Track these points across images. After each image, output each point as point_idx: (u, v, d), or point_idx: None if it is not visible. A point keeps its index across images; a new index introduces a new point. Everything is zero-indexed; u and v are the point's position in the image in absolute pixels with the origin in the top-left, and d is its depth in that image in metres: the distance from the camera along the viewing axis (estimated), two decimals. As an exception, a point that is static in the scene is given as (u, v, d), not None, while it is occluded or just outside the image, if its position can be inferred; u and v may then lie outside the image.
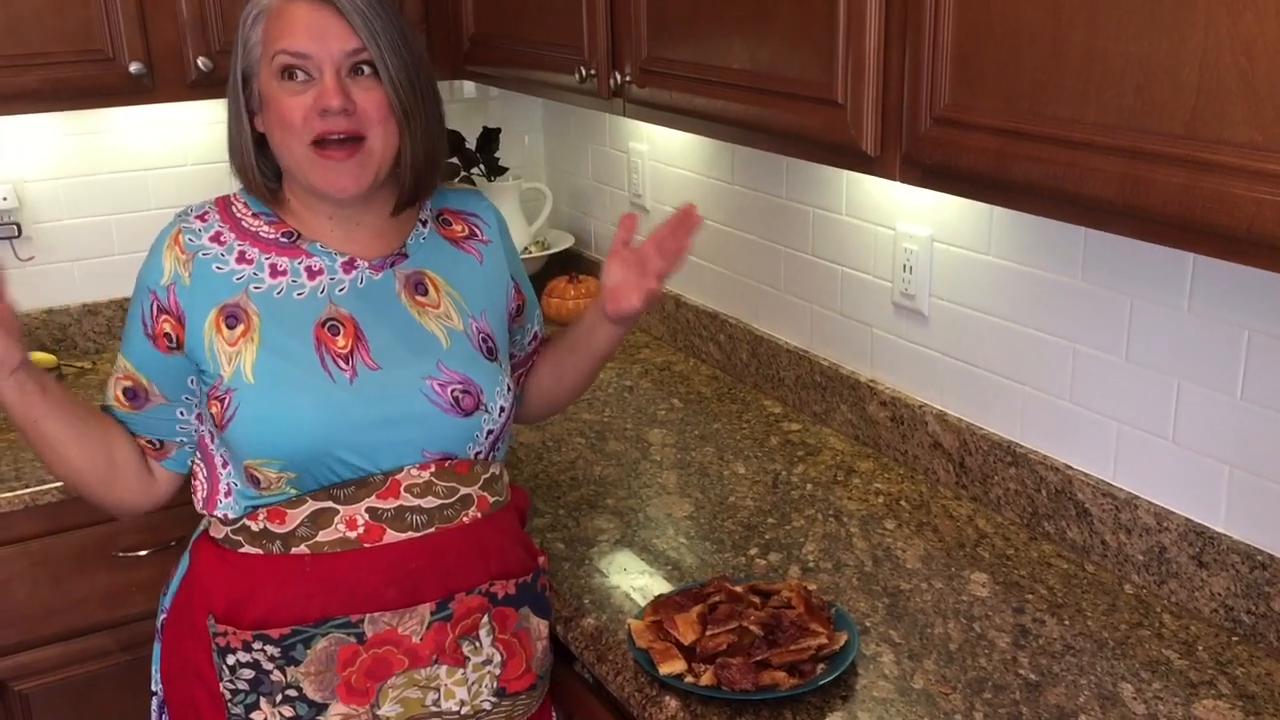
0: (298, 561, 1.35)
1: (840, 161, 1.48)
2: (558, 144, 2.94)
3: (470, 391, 1.40)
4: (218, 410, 1.35)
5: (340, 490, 1.35)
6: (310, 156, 1.33)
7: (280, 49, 1.32)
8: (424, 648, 1.37)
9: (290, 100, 1.32)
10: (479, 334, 1.45)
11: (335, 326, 1.37)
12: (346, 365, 1.36)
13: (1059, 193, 1.16)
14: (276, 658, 1.34)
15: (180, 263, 1.37)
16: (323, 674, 1.34)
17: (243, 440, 1.33)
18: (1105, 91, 1.09)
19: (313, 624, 1.34)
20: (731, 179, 2.26)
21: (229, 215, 1.42)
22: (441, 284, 1.45)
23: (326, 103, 1.31)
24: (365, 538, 1.35)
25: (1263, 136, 0.97)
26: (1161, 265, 1.48)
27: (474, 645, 1.40)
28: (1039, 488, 1.69)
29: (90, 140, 2.45)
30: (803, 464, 1.95)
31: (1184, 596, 1.51)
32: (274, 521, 1.36)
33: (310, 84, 1.32)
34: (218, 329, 1.35)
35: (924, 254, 1.83)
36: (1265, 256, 1.00)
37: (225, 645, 1.35)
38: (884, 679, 1.38)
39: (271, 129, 1.36)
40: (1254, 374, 1.40)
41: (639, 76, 1.82)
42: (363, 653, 1.35)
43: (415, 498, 1.37)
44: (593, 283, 2.72)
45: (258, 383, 1.33)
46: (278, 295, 1.37)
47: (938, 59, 1.27)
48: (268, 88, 1.34)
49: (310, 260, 1.40)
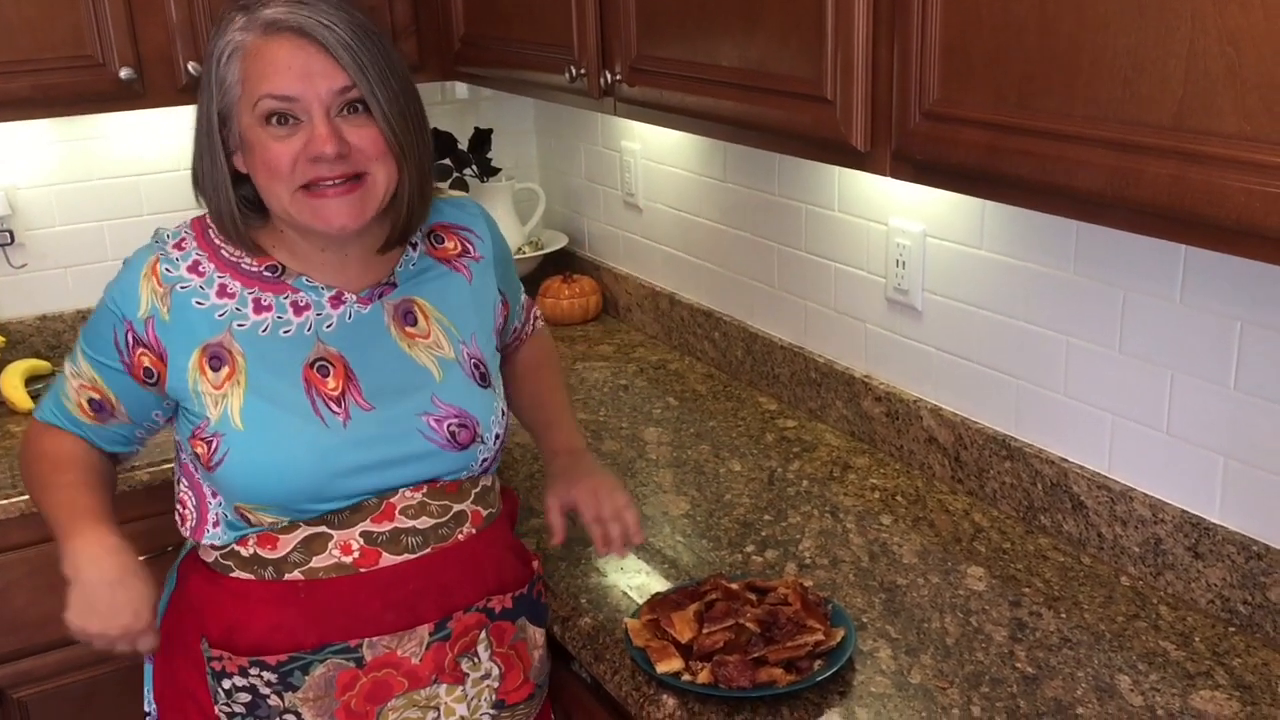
0: (292, 588, 1.32)
1: (831, 158, 1.48)
2: (550, 144, 2.94)
3: (466, 425, 1.37)
4: (204, 452, 1.30)
5: (334, 515, 1.32)
6: (300, 200, 1.26)
7: (265, 93, 1.24)
8: (423, 668, 1.36)
9: (278, 146, 1.25)
10: (470, 360, 1.41)
11: (325, 367, 1.33)
12: (339, 408, 1.32)
13: (1049, 186, 1.16)
14: (274, 683, 1.32)
15: (158, 296, 1.31)
16: (321, 699, 1.33)
17: (233, 485, 1.30)
18: (1093, 84, 1.09)
19: (310, 650, 1.32)
20: (724, 176, 2.26)
21: (207, 242, 1.34)
22: (431, 311, 1.40)
23: (319, 150, 1.24)
24: (361, 562, 1.33)
25: (1251, 127, 0.97)
26: (1153, 257, 1.48)
27: (473, 661, 1.40)
28: (1034, 481, 1.69)
29: (82, 146, 2.45)
30: (798, 460, 1.95)
31: (1180, 588, 1.51)
32: (265, 547, 1.33)
33: (298, 127, 1.25)
34: (201, 370, 1.30)
35: (917, 249, 1.83)
36: (1255, 246, 1.00)
37: (221, 670, 1.33)
38: (881, 674, 1.38)
39: (257, 174, 1.28)
40: (1247, 364, 1.40)
41: (629, 75, 1.82)
42: (362, 677, 1.33)
43: (410, 519, 1.35)
44: (587, 282, 2.72)
45: (247, 429, 1.29)
46: (263, 333, 1.32)
47: (926, 54, 1.27)
48: (252, 133, 1.26)
49: (296, 295, 1.34)
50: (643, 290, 2.60)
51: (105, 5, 2.09)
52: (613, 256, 2.74)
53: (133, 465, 2.01)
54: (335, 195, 1.27)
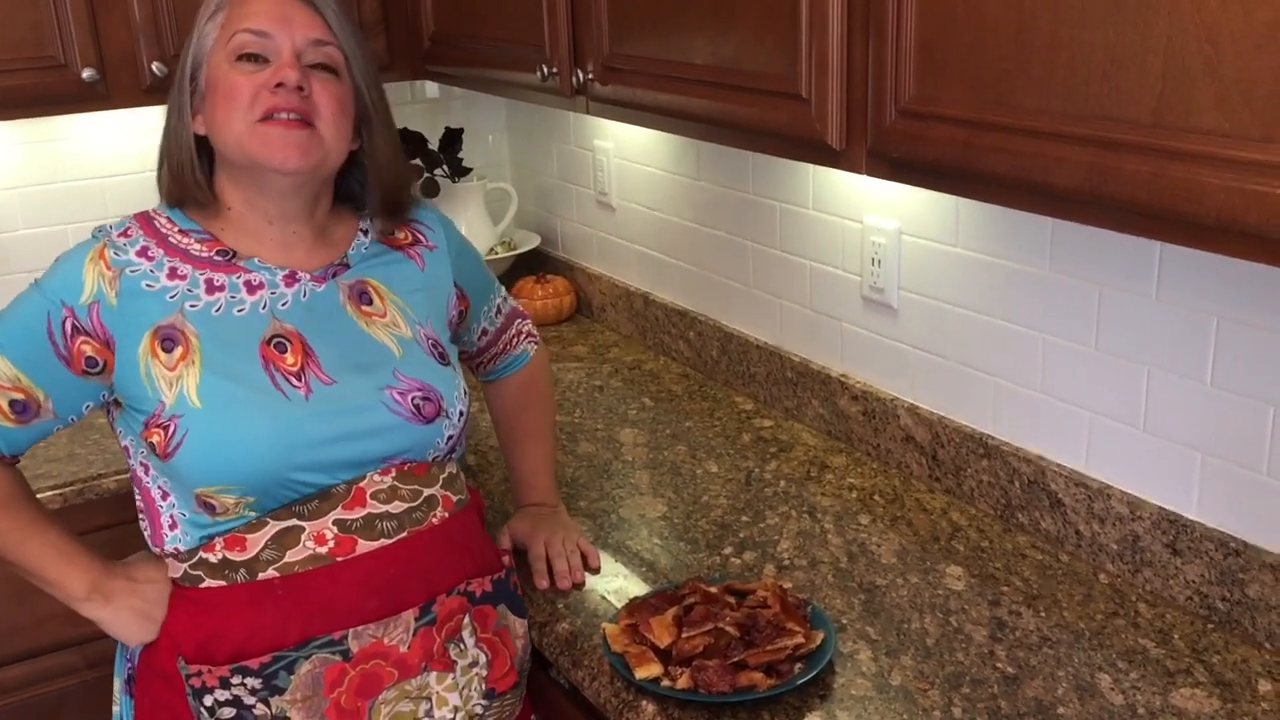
0: (268, 587, 1.30)
1: (806, 156, 1.47)
2: (522, 143, 2.91)
3: (430, 398, 1.37)
4: (160, 439, 1.27)
5: (303, 506, 1.31)
6: (254, 128, 1.28)
7: (241, 28, 1.29)
8: (412, 656, 1.34)
9: (241, 78, 1.28)
10: (428, 340, 1.42)
11: (282, 344, 1.32)
12: (299, 382, 1.31)
13: (1026, 183, 1.15)
14: (258, 689, 1.29)
15: (105, 280, 1.28)
16: (310, 699, 1.30)
17: (193, 468, 1.27)
18: (1071, 80, 1.08)
19: (294, 647, 1.29)
20: (697, 175, 2.25)
21: (153, 230, 1.34)
22: (385, 292, 1.41)
23: (283, 75, 1.27)
24: (337, 551, 1.31)
25: (1230, 123, 0.96)
26: (1129, 254, 1.47)
27: (459, 648, 1.38)
28: (1012, 479, 1.69)
29: (45, 149, 2.41)
30: (775, 460, 1.94)
31: (1159, 585, 1.51)
32: (233, 550, 1.30)
33: (265, 67, 1.29)
34: (154, 353, 1.28)
35: (892, 247, 1.82)
36: (1235, 244, 0.99)
37: (200, 686, 1.29)
38: (862, 676, 1.37)
39: (215, 111, 1.30)
40: (1223, 360, 1.40)
41: (601, 74, 1.80)
42: (350, 670, 1.31)
43: (382, 504, 1.34)
44: (560, 282, 2.70)
45: (206, 407, 1.27)
46: (216, 313, 1.31)
47: (901, 51, 1.26)
48: (217, 71, 1.30)
49: (249, 275, 1.34)
50: (617, 290, 2.58)
51: (66, 4, 2.05)
52: (586, 256, 2.72)
53: (99, 474, 1.98)
54: (285, 128, 1.28)
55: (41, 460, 2.03)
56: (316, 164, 1.31)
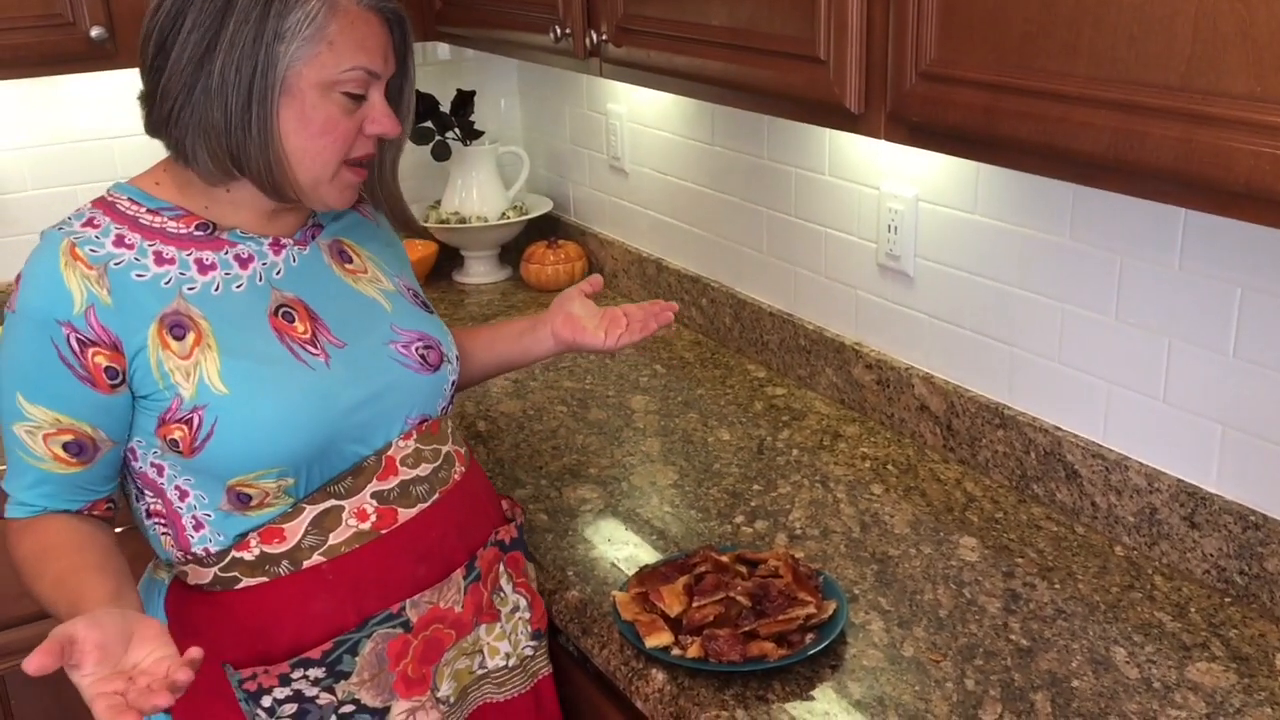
0: (316, 574, 1.26)
1: (824, 120, 1.44)
2: (534, 107, 2.88)
3: (432, 345, 1.38)
4: (184, 434, 1.20)
5: (337, 485, 1.27)
6: (343, 175, 1.27)
7: (361, 65, 1.22)
8: (466, 614, 1.37)
9: (342, 116, 1.23)
10: (409, 291, 1.43)
11: (289, 313, 1.28)
12: (316, 349, 1.28)
13: (1049, 148, 1.13)
14: (322, 679, 1.25)
15: (91, 280, 1.18)
16: (377, 677, 1.28)
17: (228, 457, 1.20)
18: (1097, 43, 1.05)
19: (354, 629, 1.27)
20: (711, 140, 2.22)
21: (120, 215, 1.24)
22: (360, 250, 1.41)
23: (387, 130, 1.27)
24: (380, 525, 1.29)
25: (1261, 87, 0.93)
26: (1152, 222, 1.45)
27: (501, 596, 1.43)
28: (1028, 450, 1.67)
29: (53, 109, 2.39)
30: (788, 429, 1.93)
31: (1175, 558, 1.49)
32: (270, 543, 1.25)
33: (359, 104, 1.25)
34: (163, 344, 1.20)
35: (909, 214, 1.80)
36: (1264, 211, 0.97)
37: (256, 689, 1.23)
38: (874, 647, 1.36)
39: (299, 134, 1.22)
40: (1246, 331, 1.38)
41: (615, 35, 1.77)
42: (413, 640, 1.31)
43: (411, 469, 1.33)
44: (572, 248, 2.68)
45: (233, 392, 1.20)
46: (215, 293, 1.24)
47: (923, 12, 1.23)
48: (312, 91, 1.20)
49: (236, 248, 1.27)
50: (629, 256, 2.56)
51: (74, -38, 2.03)
52: (598, 221, 2.69)
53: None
54: (358, 176, 1.30)
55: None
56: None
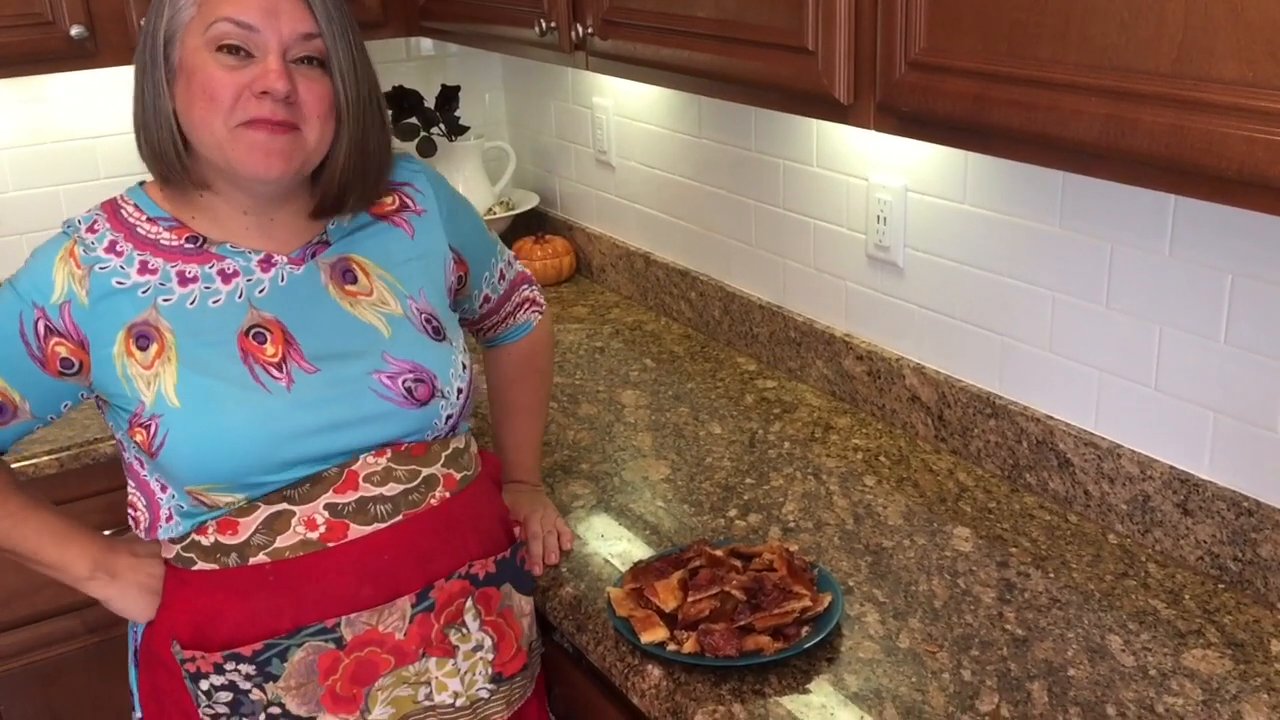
0: (259, 573, 1.26)
1: (812, 111, 1.43)
2: (519, 101, 2.87)
3: (423, 379, 1.31)
4: (143, 439, 1.23)
5: (294, 490, 1.26)
6: (236, 133, 1.20)
7: (224, 15, 1.18)
8: (409, 643, 1.30)
9: (223, 75, 1.19)
10: (421, 315, 1.35)
11: (261, 334, 1.26)
12: (280, 373, 1.25)
13: (1041, 137, 1.12)
14: (252, 675, 1.26)
15: (75, 279, 1.23)
16: (304, 686, 1.27)
17: (180, 467, 1.23)
18: (1088, 30, 1.05)
19: (285, 635, 1.26)
20: (699, 132, 2.21)
21: (121, 222, 1.27)
22: (371, 268, 1.34)
23: (271, 85, 1.18)
24: (328, 536, 1.27)
25: (1253, 72, 0.93)
26: (1142, 209, 1.44)
27: (461, 632, 1.34)
28: (1020, 439, 1.67)
29: (34, 109, 2.37)
30: (779, 422, 1.92)
31: (1169, 545, 1.49)
32: (225, 533, 1.26)
33: (248, 63, 1.19)
34: (129, 352, 1.23)
35: (898, 205, 1.79)
36: (1257, 197, 0.97)
37: (196, 671, 1.26)
38: (869, 639, 1.35)
39: (192, 104, 1.21)
40: (1237, 318, 1.38)
41: (601, 28, 1.76)
42: (344, 658, 1.28)
43: (376, 486, 1.29)
44: (559, 243, 2.67)
45: (184, 405, 1.22)
46: (191, 306, 1.25)
47: (912, 1, 1.22)
48: (195, 58, 1.20)
49: (222, 263, 1.27)
50: (617, 250, 2.55)
51: (53, -41, 2.01)
52: (585, 216, 2.69)
53: (95, 439, 1.96)
54: (268, 133, 1.20)
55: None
56: (298, 169, 1.25)
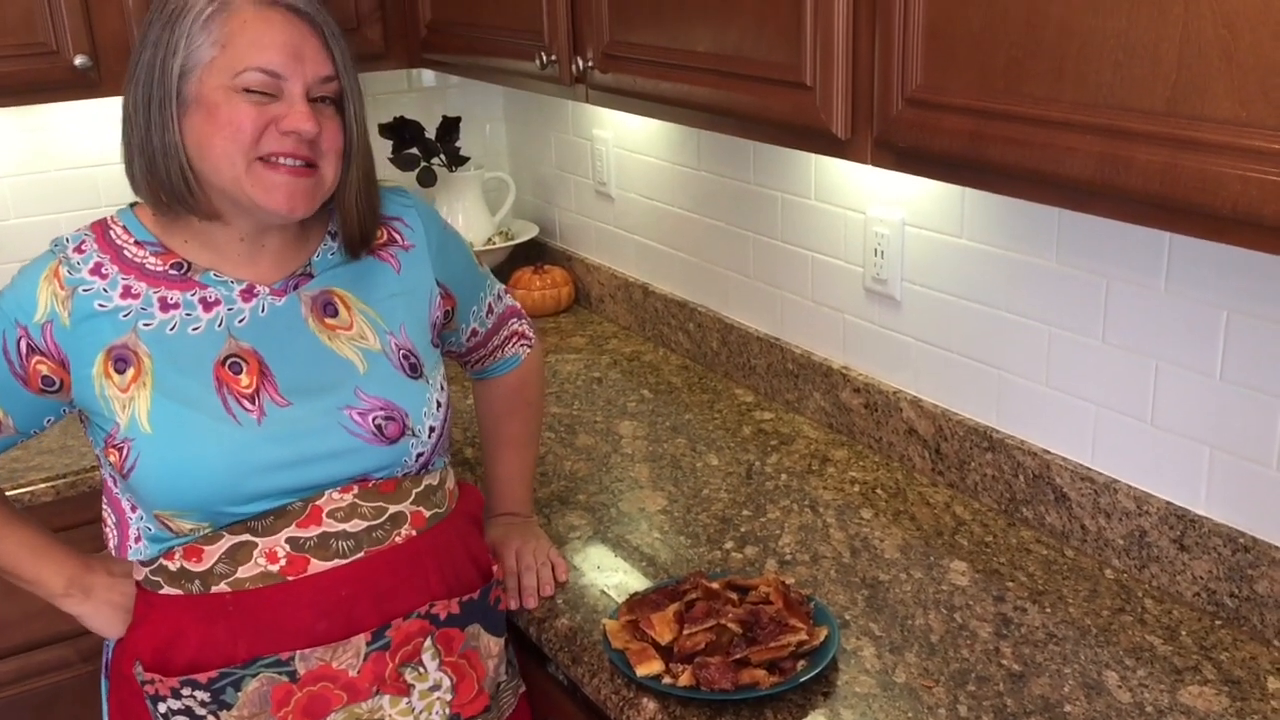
0: (219, 601, 1.27)
1: (810, 145, 1.44)
2: (520, 132, 2.89)
3: (394, 417, 1.32)
4: (116, 459, 1.25)
5: (257, 522, 1.27)
6: (256, 171, 1.22)
7: (254, 65, 1.20)
8: (362, 680, 1.30)
9: (247, 109, 1.21)
10: (399, 351, 1.35)
11: (237, 364, 1.27)
12: (252, 405, 1.26)
13: (1036, 174, 1.13)
14: (207, 702, 1.27)
15: (58, 299, 1.25)
16: (256, 716, 1.28)
17: (148, 491, 1.25)
18: (1083, 68, 1.06)
19: (241, 665, 1.27)
20: (697, 165, 2.23)
21: (108, 244, 1.29)
22: (353, 302, 1.35)
23: (299, 126, 1.21)
24: (287, 570, 1.27)
25: (1246, 112, 0.94)
26: (1138, 245, 1.45)
27: (418, 672, 1.34)
28: (1016, 473, 1.67)
29: (36, 137, 2.38)
30: (776, 454, 1.92)
31: (1165, 581, 1.49)
32: (190, 560, 1.28)
33: (269, 101, 1.22)
34: (107, 374, 1.25)
35: (895, 238, 1.80)
36: (1251, 235, 0.97)
37: (155, 693, 1.28)
38: (865, 674, 1.35)
39: (212, 137, 1.21)
40: (1233, 354, 1.38)
41: (601, 62, 1.77)
42: (296, 691, 1.28)
43: (339, 522, 1.29)
44: (558, 273, 2.68)
45: (155, 432, 1.24)
46: (170, 332, 1.27)
47: (909, 38, 1.24)
48: (214, 95, 1.21)
49: (204, 291, 1.29)
50: (615, 281, 2.56)
51: (58, -10, 2.02)
52: (584, 246, 2.69)
53: (91, 466, 1.96)
54: (291, 175, 1.24)
55: (34, 452, 2.00)
56: (317, 207, 1.28)
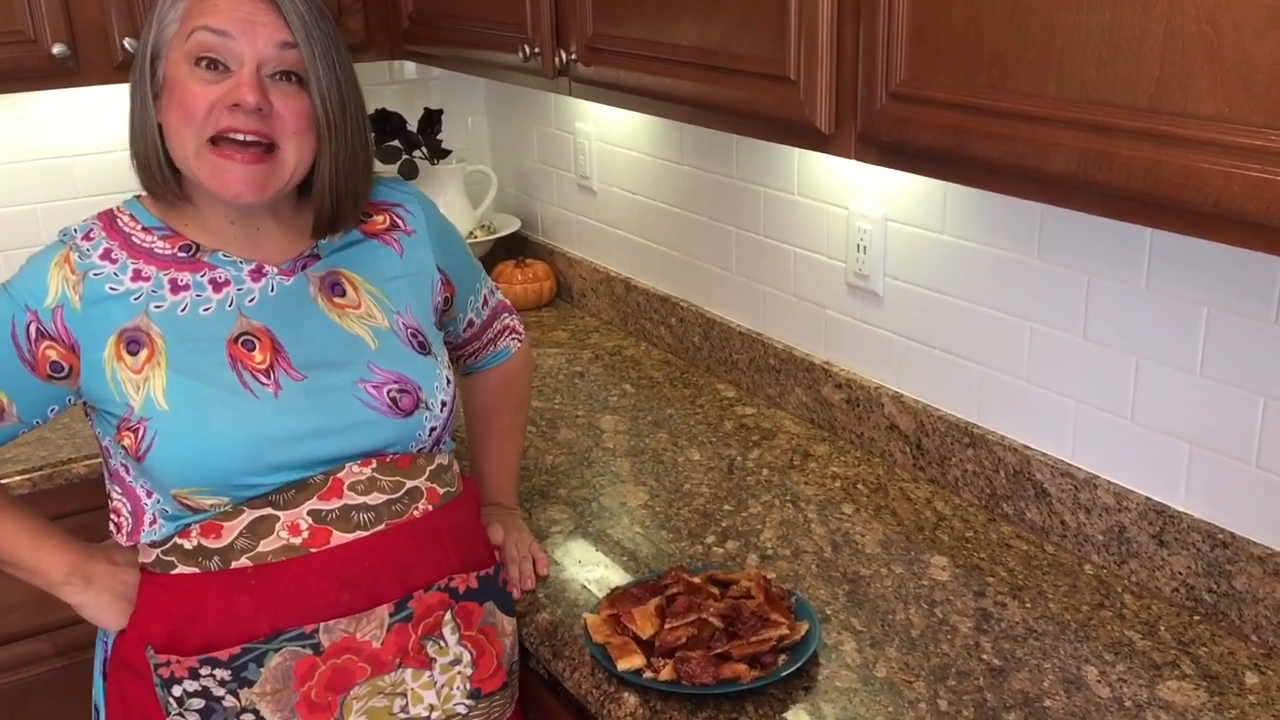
0: (240, 575, 1.26)
1: (794, 140, 1.44)
2: (502, 126, 2.88)
3: (408, 390, 1.33)
4: (131, 442, 1.24)
5: (279, 495, 1.27)
6: (202, 153, 1.22)
7: (201, 24, 1.21)
8: (385, 652, 1.30)
9: (198, 89, 1.21)
10: (407, 330, 1.37)
11: (250, 341, 1.28)
12: (268, 380, 1.27)
13: (1019, 169, 1.13)
14: (227, 681, 1.26)
15: (69, 284, 1.26)
16: (280, 692, 1.27)
17: (165, 470, 1.24)
18: (1066, 64, 1.06)
19: (264, 639, 1.26)
20: (680, 159, 2.22)
21: (116, 231, 1.30)
22: (360, 282, 1.36)
23: (240, 96, 1.20)
24: (311, 542, 1.28)
25: (1229, 108, 0.94)
26: (1119, 242, 1.46)
27: (439, 645, 1.34)
28: (997, 468, 1.67)
29: (13, 127, 2.36)
30: (758, 449, 1.92)
31: (1145, 576, 1.49)
32: (208, 537, 1.27)
33: (224, 77, 1.22)
34: (119, 357, 1.25)
35: (878, 233, 1.80)
36: (1233, 232, 0.98)
37: (169, 676, 1.26)
38: (846, 668, 1.35)
39: (169, 117, 1.23)
40: (1213, 350, 1.39)
41: (585, 55, 1.77)
42: (321, 664, 1.28)
43: (360, 495, 1.30)
44: (540, 267, 2.67)
45: (173, 409, 1.23)
46: (182, 313, 1.27)
47: (893, 33, 1.24)
48: (175, 70, 1.23)
49: (214, 272, 1.29)
50: (597, 275, 2.55)
51: (36, -22, 2.00)
52: (566, 240, 2.69)
53: (69, 459, 1.94)
54: (241, 161, 1.22)
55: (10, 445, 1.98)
56: (275, 192, 1.26)
